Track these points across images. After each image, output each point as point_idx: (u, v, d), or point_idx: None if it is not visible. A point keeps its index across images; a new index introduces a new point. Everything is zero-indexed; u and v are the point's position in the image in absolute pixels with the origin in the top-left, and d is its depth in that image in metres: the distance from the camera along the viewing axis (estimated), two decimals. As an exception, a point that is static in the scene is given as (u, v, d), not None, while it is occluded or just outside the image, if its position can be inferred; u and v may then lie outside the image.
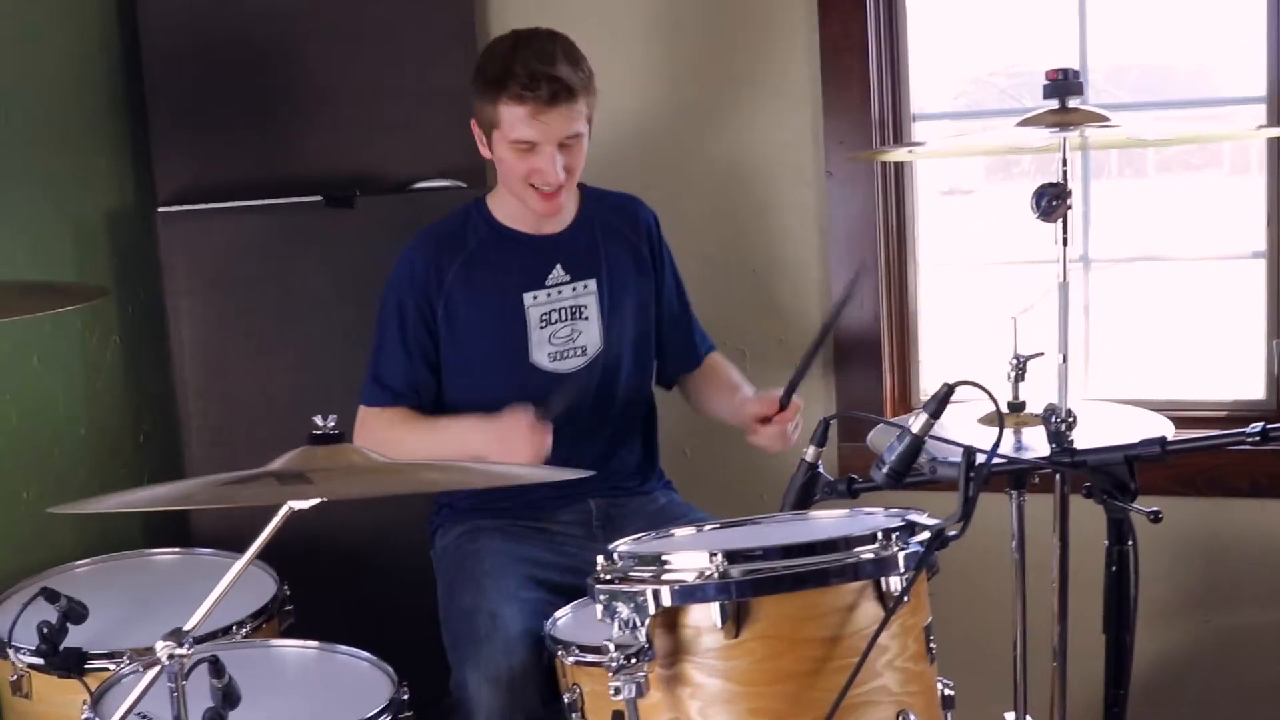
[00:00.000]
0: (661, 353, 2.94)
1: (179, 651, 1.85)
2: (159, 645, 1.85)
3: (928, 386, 3.28)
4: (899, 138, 3.18)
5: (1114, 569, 2.00)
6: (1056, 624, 2.32)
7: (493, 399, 2.66)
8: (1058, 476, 2.19)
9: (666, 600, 1.83)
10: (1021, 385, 2.33)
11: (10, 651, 2.42)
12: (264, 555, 2.68)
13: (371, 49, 3.16)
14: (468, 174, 3.19)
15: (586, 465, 2.58)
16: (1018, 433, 2.31)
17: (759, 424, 2.69)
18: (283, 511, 1.88)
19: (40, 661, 2.34)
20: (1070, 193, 2.08)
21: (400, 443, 2.67)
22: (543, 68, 2.56)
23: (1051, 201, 2.05)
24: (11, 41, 2.91)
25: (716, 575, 1.82)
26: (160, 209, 3.05)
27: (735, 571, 1.81)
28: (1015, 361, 2.31)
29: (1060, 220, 2.08)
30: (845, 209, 3.18)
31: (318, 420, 1.90)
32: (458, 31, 3.23)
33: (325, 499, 1.78)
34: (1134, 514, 1.96)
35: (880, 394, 3.21)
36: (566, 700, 2.24)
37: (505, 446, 2.54)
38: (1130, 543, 2.00)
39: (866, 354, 3.22)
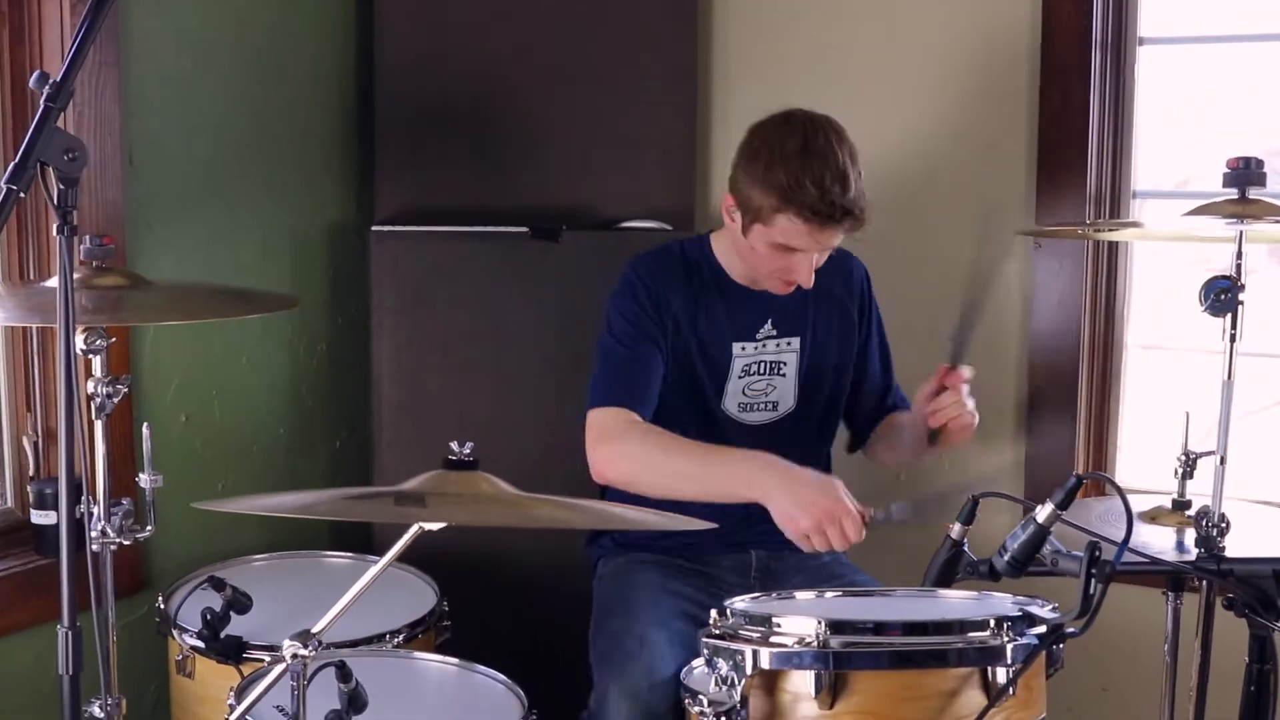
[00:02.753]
0: (857, 413, 2.90)
1: (303, 652, 1.92)
2: (285, 644, 1.92)
3: (1125, 470, 3.15)
4: (1116, 213, 3.08)
5: (1252, 689, 1.89)
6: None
7: (677, 433, 2.62)
8: (1204, 583, 2.08)
9: (765, 663, 1.82)
10: (1189, 482, 2.22)
11: (176, 632, 2.55)
12: (429, 569, 2.81)
13: (590, 90, 3.23)
14: (674, 216, 3.23)
15: (755, 516, 2.59)
16: (1180, 532, 2.20)
17: (934, 400, 2.60)
18: (412, 530, 1.94)
19: (201, 645, 2.45)
20: (1243, 287, 1.98)
21: (657, 456, 2.54)
22: (839, 194, 2.46)
23: (1220, 296, 1.96)
24: (261, 64, 3.11)
25: (816, 644, 1.79)
26: (374, 227, 3.18)
27: (835, 642, 1.79)
28: (1185, 458, 2.21)
29: (1229, 315, 1.99)
30: (1051, 283, 3.09)
31: (454, 445, 1.95)
32: (676, 77, 3.27)
33: (445, 523, 1.84)
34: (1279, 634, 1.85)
35: (1072, 471, 3.10)
36: (695, 749, 2.24)
37: (816, 522, 2.35)
38: (1272, 664, 1.89)
39: (1061, 430, 3.12)
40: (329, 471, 3.34)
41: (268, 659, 2.44)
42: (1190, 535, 2.19)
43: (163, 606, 2.63)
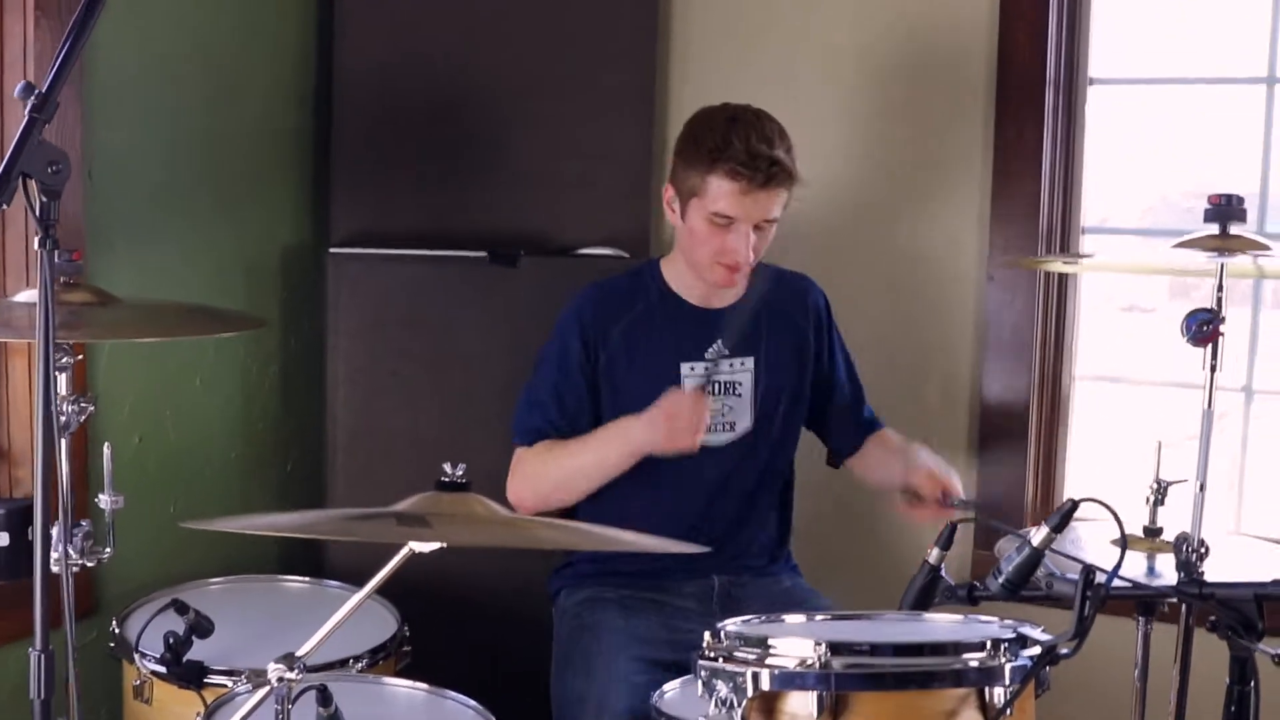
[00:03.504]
0: (829, 434, 2.94)
1: (289, 675, 1.91)
2: (270, 667, 1.91)
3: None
4: (1065, 248, 3.14)
5: (1233, 709, 1.93)
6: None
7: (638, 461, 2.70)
8: (1183, 607, 2.13)
9: (765, 684, 1.81)
10: (1161, 510, 2.27)
11: (136, 657, 2.49)
12: (388, 594, 2.79)
13: (548, 116, 3.24)
14: (632, 243, 3.25)
15: (716, 538, 2.62)
16: (1151, 558, 2.25)
17: (913, 498, 2.67)
18: (403, 552, 1.93)
19: (163, 670, 2.40)
20: (1223, 319, 2.03)
21: (551, 466, 2.70)
22: (763, 149, 2.56)
23: (1202, 326, 2.01)
24: (220, 84, 3.09)
25: (818, 665, 1.80)
26: (331, 249, 3.16)
27: (837, 663, 1.79)
28: (1156, 486, 2.26)
29: (1209, 346, 2.04)
30: (1004, 315, 3.15)
31: (446, 467, 1.95)
32: (634, 104, 3.28)
33: (442, 544, 1.83)
34: (1259, 655, 1.89)
35: (1022, 502, 3.15)
36: (670, 776, 2.24)
37: (670, 425, 2.54)
38: (1253, 684, 1.93)
39: (1012, 460, 3.18)
40: (280, 494, 3.30)
41: (230, 684, 2.40)
42: (1161, 561, 2.25)
43: (118, 631, 2.58)
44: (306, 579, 2.92)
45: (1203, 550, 2.03)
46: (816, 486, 3.02)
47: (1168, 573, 2.16)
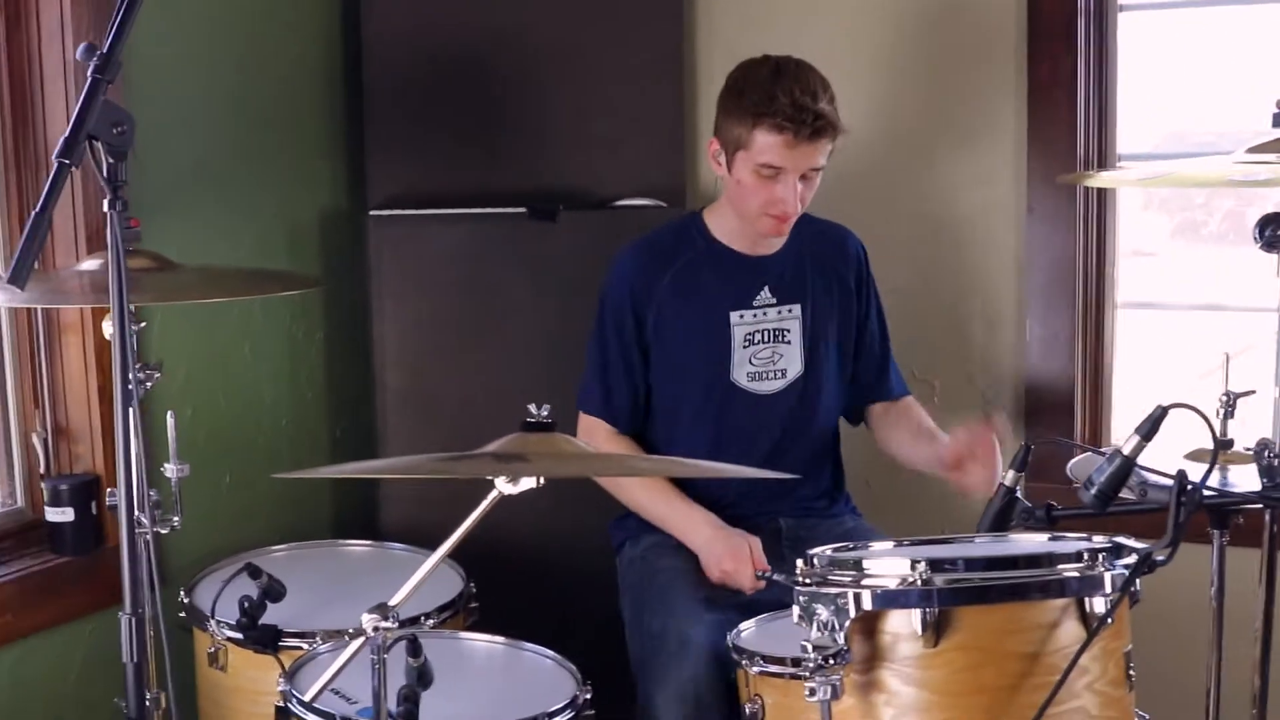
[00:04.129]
0: (854, 384, 2.94)
1: (384, 625, 1.91)
2: (365, 618, 1.91)
3: (1119, 430, 3.22)
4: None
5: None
6: (1257, 676, 2.25)
7: (692, 411, 2.76)
8: (1267, 516, 2.13)
9: (867, 604, 1.83)
10: (1230, 423, 2.27)
11: (211, 624, 2.50)
12: (452, 554, 2.79)
13: (583, 69, 3.23)
14: (669, 194, 3.24)
15: (787, 485, 2.65)
16: (1224, 470, 2.25)
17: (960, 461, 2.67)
18: (492, 495, 1.94)
19: (239, 635, 2.41)
20: (1296, 224, 2.03)
21: (624, 486, 2.77)
22: (808, 102, 2.57)
23: (1276, 231, 2.02)
24: (248, 49, 3.07)
25: (919, 582, 1.81)
26: (371, 212, 3.15)
27: (939, 580, 1.81)
28: (1226, 398, 2.25)
29: (1281, 253, 2.04)
30: (1044, 247, 3.15)
31: (531, 408, 1.96)
32: (666, 57, 3.28)
33: (539, 479, 1.84)
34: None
35: (1071, 435, 3.15)
36: (748, 711, 2.25)
37: (720, 569, 2.62)
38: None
39: (1060, 394, 3.18)
40: (331, 459, 3.30)
41: (306, 645, 2.42)
42: (1234, 473, 2.25)
43: (188, 600, 2.59)
44: (368, 543, 2.93)
45: (1287, 456, 2.03)
46: (859, 434, 3.02)
47: (1244, 484, 2.15)
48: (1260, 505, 2.05)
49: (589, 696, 2.26)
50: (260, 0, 3.10)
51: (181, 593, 2.61)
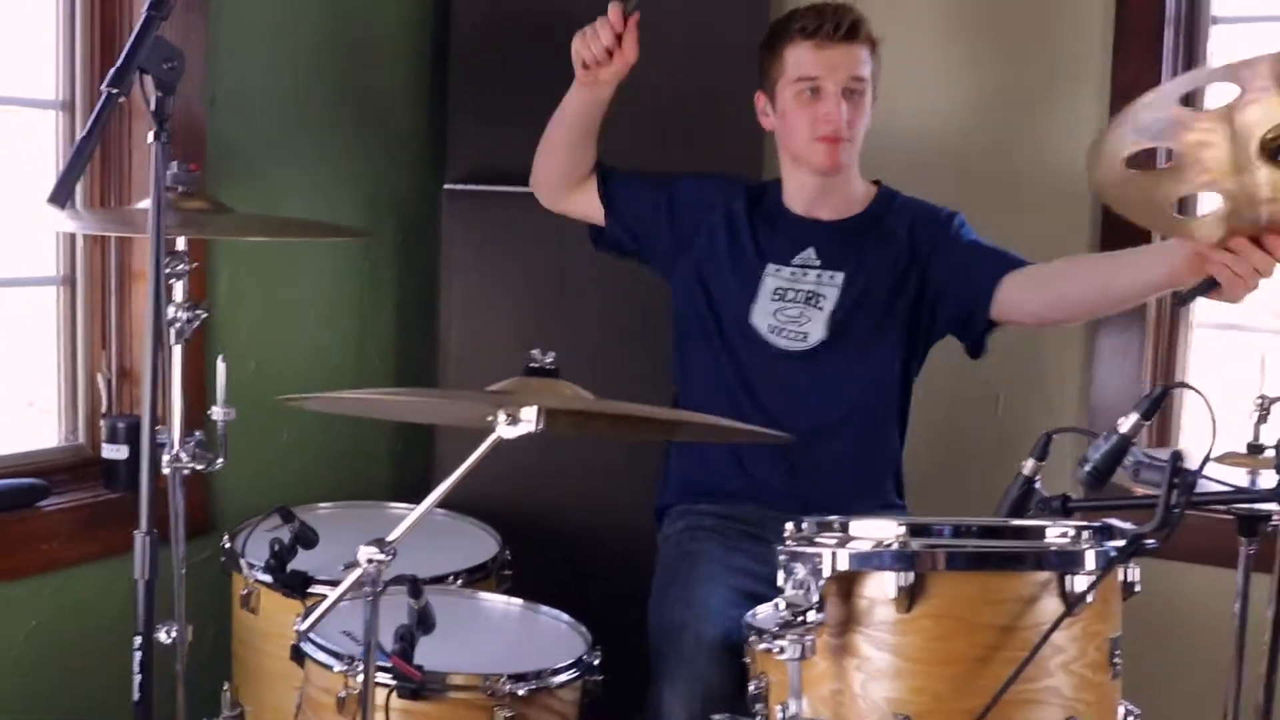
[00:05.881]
0: (972, 318, 2.70)
1: (379, 556, 1.95)
2: (361, 550, 1.96)
3: (1189, 439, 3.14)
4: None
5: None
6: (1263, 685, 2.17)
7: (715, 346, 2.78)
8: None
9: (843, 564, 1.81)
10: (1263, 428, 2.21)
11: (243, 565, 2.57)
12: (492, 520, 2.82)
13: (667, 52, 3.23)
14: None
15: (822, 468, 2.69)
16: (1254, 474, 2.19)
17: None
18: (490, 438, 1.97)
19: (269, 579, 2.45)
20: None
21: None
22: (834, 9, 2.65)
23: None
24: (341, 19, 3.18)
25: (895, 545, 1.79)
26: (446, 186, 3.22)
27: (915, 544, 1.79)
28: (1261, 401, 2.19)
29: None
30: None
31: (535, 353, 1.98)
32: (748, 41, 3.27)
33: (539, 424, 1.86)
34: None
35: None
36: (753, 690, 2.21)
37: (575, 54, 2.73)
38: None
39: (1129, 368, 3.12)
40: (390, 431, 3.36)
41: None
42: (1266, 478, 2.18)
43: (228, 545, 2.65)
44: (414, 505, 2.96)
45: (1308, 458, 1.96)
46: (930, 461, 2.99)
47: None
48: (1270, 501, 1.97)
49: (598, 661, 2.28)
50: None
51: (225, 538, 2.67)
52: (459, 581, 2.58)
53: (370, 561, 1.97)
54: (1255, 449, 2.21)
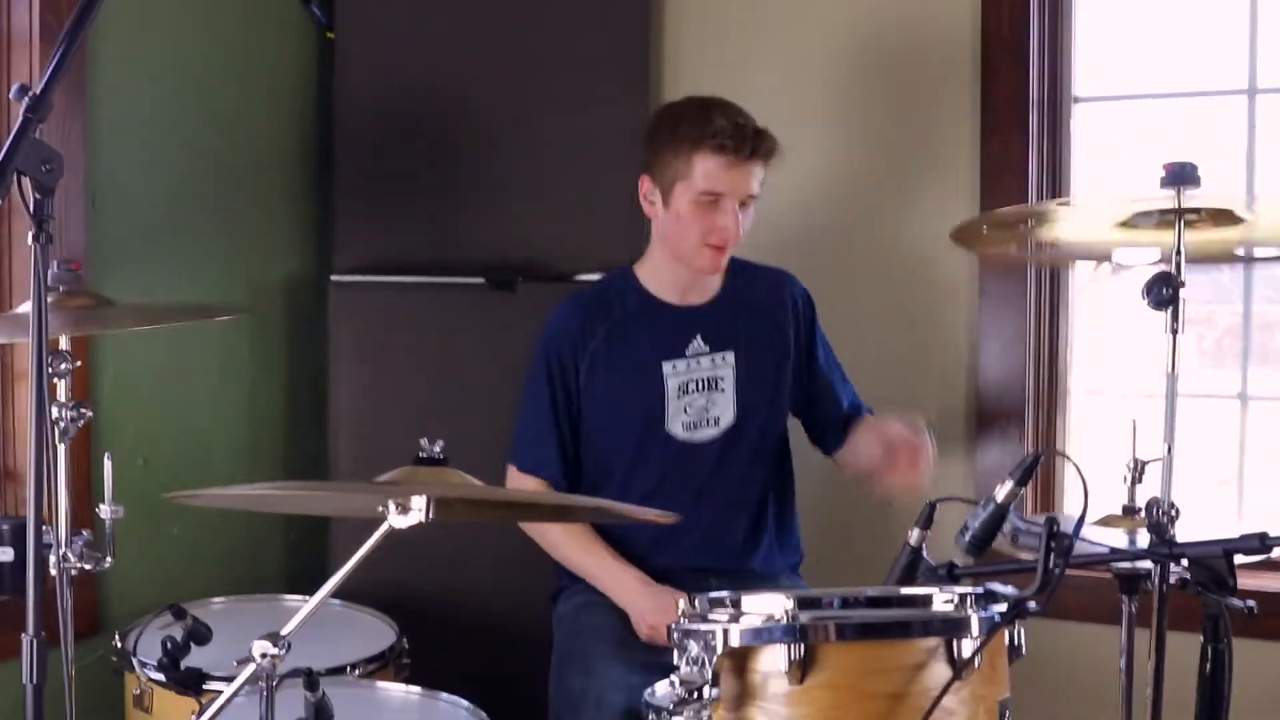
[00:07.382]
0: (813, 426, 2.97)
1: (273, 651, 1.94)
2: (255, 644, 1.94)
3: (1071, 503, 3.22)
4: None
5: (1208, 668, 1.94)
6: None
7: (627, 464, 2.79)
8: (1156, 569, 2.12)
9: (735, 640, 1.83)
10: (1138, 489, 2.28)
11: (135, 664, 2.53)
12: (390, 610, 2.81)
13: (544, 142, 3.30)
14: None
15: (708, 535, 2.76)
16: (1132, 534, 2.25)
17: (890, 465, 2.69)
18: (382, 528, 1.97)
19: (161, 677, 2.41)
20: (1182, 283, 2.05)
21: (554, 537, 2.79)
22: (746, 123, 2.67)
23: (1163, 290, 2.04)
24: (223, 113, 3.18)
25: (786, 619, 1.82)
26: (334, 277, 3.22)
27: (804, 616, 1.81)
28: (1133, 464, 2.26)
29: (1170, 309, 2.06)
30: (997, 330, 3.18)
31: (424, 442, 1.99)
32: (628, 127, 3.33)
33: (428, 514, 1.87)
34: (1229, 609, 1.90)
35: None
36: (656, 771, 2.24)
37: (645, 624, 2.65)
38: (1226, 642, 1.94)
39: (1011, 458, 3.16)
40: (283, 521, 3.33)
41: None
42: (1142, 537, 2.25)
43: (120, 644, 2.61)
44: (307, 597, 2.94)
45: (1173, 513, 2.04)
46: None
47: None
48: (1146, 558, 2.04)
49: (496, 747, 2.28)
50: (234, 64, 3.21)
51: (115, 637, 2.63)
52: (357, 672, 2.57)
53: (264, 656, 1.95)
54: (1129, 510, 2.28)
